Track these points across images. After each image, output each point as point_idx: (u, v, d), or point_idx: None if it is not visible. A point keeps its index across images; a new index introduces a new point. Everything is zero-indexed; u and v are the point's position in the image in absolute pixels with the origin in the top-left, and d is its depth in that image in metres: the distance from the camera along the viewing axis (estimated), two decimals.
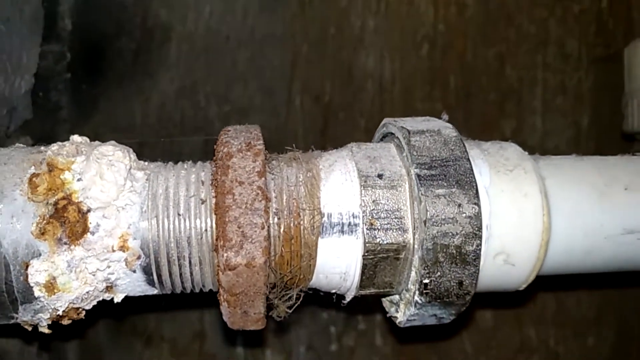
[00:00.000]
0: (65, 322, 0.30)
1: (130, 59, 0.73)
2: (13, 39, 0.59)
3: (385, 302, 0.35)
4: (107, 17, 0.73)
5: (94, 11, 0.72)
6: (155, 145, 0.74)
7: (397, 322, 0.33)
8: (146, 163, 0.33)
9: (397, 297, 0.33)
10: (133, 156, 0.32)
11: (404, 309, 0.32)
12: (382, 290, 0.32)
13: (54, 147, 0.31)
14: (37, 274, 0.27)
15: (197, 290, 0.32)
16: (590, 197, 0.34)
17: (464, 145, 0.33)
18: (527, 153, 0.37)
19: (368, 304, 0.63)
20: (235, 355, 0.77)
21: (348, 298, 0.32)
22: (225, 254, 0.28)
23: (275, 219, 0.30)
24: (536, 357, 0.83)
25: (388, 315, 0.34)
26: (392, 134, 0.36)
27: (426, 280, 0.29)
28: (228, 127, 0.34)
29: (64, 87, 0.71)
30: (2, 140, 0.58)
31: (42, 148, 0.31)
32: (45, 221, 0.28)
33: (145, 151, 0.72)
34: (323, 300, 0.36)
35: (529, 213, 0.32)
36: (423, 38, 0.82)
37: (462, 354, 0.80)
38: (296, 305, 0.32)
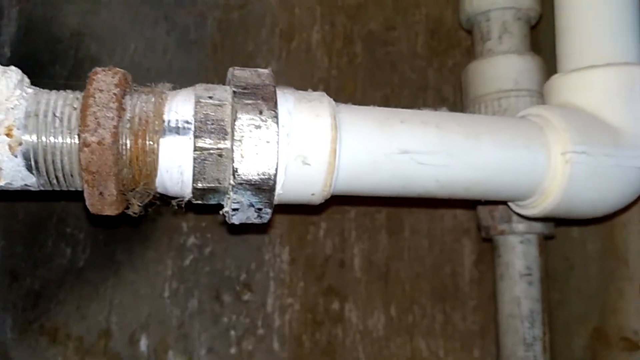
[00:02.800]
0: None
1: (62, 84, 0.85)
2: None
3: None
4: (43, 47, 0.85)
5: (31, 41, 0.85)
6: None
7: (224, 212, 0.42)
8: (36, 88, 0.43)
9: (227, 195, 0.43)
10: (28, 80, 0.42)
11: (228, 201, 0.41)
12: (213, 185, 0.42)
13: None
14: None
15: (67, 184, 0.41)
16: (372, 125, 0.45)
17: (274, 79, 0.45)
18: (330, 98, 0.48)
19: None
20: (139, 354, 0.82)
21: (187, 195, 0.42)
22: (83, 135, 0.38)
23: (127, 125, 0.41)
24: None
25: (221, 212, 0.43)
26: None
27: (236, 166, 0.40)
28: (96, 71, 0.45)
29: None
30: None
31: None
32: None
33: None
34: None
35: (321, 127, 0.43)
36: (319, 80, 0.96)
37: None
38: (146, 201, 0.41)
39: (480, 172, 0.48)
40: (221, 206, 0.44)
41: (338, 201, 0.88)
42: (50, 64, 0.85)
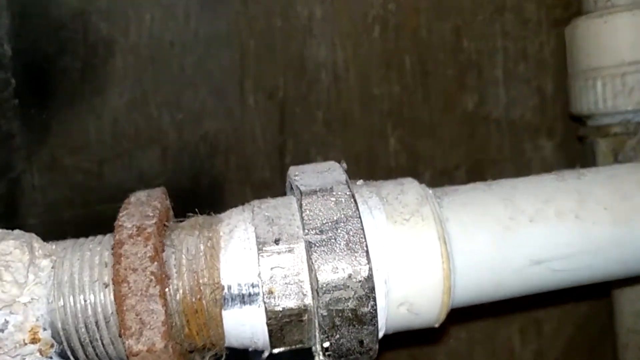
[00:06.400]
0: None
1: (77, 77, 0.73)
2: None
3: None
4: (46, 36, 0.72)
5: (31, 32, 0.71)
6: (115, 161, 0.74)
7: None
8: (53, 247, 0.34)
9: (313, 348, 0.34)
10: (37, 244, 0.32)
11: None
12: (295, 347, 0.33)
13: None
14: None
15: None
16: (494, 234, 0.34)
17: (356, 204, 0.33)
18: (430, 192, 0.36)
19: None
20: None
21: (264, 355, 0.34)
22: (127, 342, 0.29)
23: (177, 296, 0.31)
24: None
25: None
26: None
27: (326, 344, 0.31)
28: (130, 199, 0.34)
29: (13, 114, 0.71)
30: None
31: None
32: None
33: (106, 169, 0.74)
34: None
35: (428, 261, 0.32)
36: (374, 20, 0.80)
37: None
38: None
39: (632, 265, 0.37)
40: None
41: None
42: (59, 56, 0.72)
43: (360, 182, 0.38)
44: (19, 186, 0.72)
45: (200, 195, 0.77)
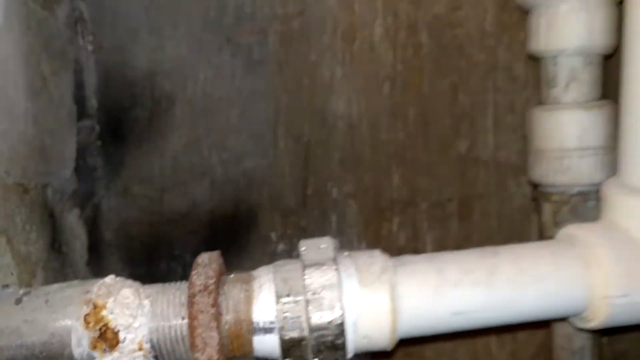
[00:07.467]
0: None
1: (145, 124, 0.93)
2: (56, 137, 0.80)
3: None
4: (123, 92, 0.92)
5: (112, 89, 0.91)
6: (173, 190, 0.94)
7: None
8: (149, 290, 0.54)
9: None
10: (143, 290, 0.52)
11: None
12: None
13: (94, 289, 0.52)
14: None
15: None
16: (427, 295, 0.52)
17: (339, 274, 0.51)
18: (390, 263, 0.54)
19: None
20: None
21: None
22: (195, 354, 0.49)
23: (226, 327, 0.51)
24: None
25: None
26: None
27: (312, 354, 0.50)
28: (198, 261, 0.54)
29: (97, 152, 0.91)
30: (59, 213, 0.80)
31: (88, 289, 0.52)
32: (95, 340, 0.49)
33: (166, 196, 0.94)
34: None
35: (381, 312, 0.50)
36: (384, 78, 0.96)
37: None
38: None
39: (526, 316, 0.55)
40: None
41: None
42: (132, 108, 0.92)
43: (346, 253, 0.56)
44: (100, 208, 0.93)
45: (240, 218, 0.97)
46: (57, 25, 0.80)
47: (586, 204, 0.68)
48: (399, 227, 1.01)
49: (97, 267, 0.90)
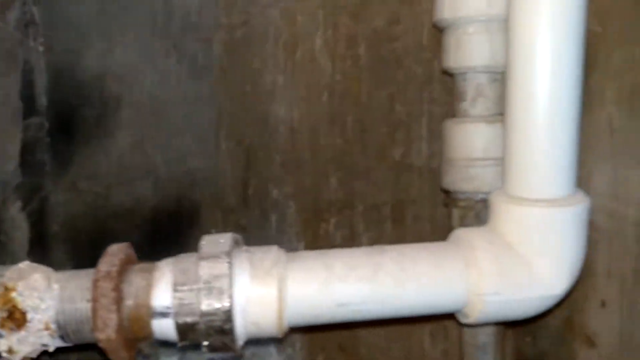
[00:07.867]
0: None
1: (93, 124, 0.97)
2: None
3: None
4: (72, 92, 0.96)
5: (62, 89, 0.96)
6: (119, 187, 0.99)
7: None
8: (60, 275, 0.58)
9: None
10: (54, 275, 0.57)
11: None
12: (193, 343, 0.57)
13: (8, 273, 0.57)
14: (2, 345, 0.54)
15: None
16: (314, 287, 0.57)
17: (231, 267, 0.56)
18: (284, 257, 0.59)
19: None
20: None
21: (178, 345, 0.58)
22: (96, 334, 0.54)
23: (127, 310, 0.56)
24: None
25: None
26: None
27: (205, 343, 0.55)
28: (107, 251, 0.59)
29: (46, 148, 0.96)
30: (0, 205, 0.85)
31: (2, 273, 0.57)
32: (2, 320, 0.54)
33: (112, 192, 0.99)
34: None
35: (269, 301, 0.55)
36: (324, 87, 1.01)
37: None
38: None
39: (409, 310, 0.60)
40: None
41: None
42: (81, 107, 0.97)
43: (244, 248, 0.61)
44: (47, 202, 0.98)
45: (182, 215, 1.02)
46: (6, 29, 0.85)
47: (488, 210, 0.73)
48: (336, 228, 1.06)
49: (41, 258, 0.94)
